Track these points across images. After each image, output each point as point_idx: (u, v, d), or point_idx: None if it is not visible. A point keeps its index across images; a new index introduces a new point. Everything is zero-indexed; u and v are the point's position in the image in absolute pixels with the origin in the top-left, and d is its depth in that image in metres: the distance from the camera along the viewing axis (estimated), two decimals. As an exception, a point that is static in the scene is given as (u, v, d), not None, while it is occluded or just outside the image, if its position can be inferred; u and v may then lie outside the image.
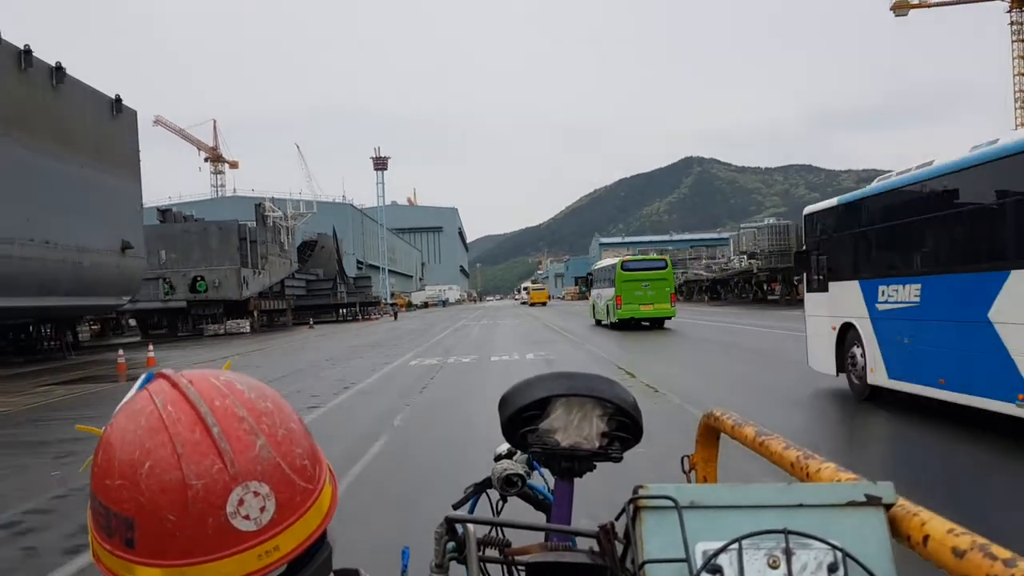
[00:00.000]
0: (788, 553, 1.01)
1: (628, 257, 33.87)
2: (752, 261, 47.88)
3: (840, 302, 10.08)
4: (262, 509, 0.75)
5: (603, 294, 29.35)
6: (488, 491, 1.72)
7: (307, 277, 63.58)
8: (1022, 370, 6.45)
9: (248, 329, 44.38)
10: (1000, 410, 6.76)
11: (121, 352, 19.20)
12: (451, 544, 1.20)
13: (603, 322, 29.60)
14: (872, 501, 1.07)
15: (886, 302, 9.00)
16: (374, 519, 5.15)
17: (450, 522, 1.21)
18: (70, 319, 30.33)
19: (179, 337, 44.13)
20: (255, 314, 47.28)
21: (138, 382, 0.84)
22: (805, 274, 11.20)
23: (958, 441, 7.24)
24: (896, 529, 1.06)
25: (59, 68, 23.64)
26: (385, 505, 5.63)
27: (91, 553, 0.80)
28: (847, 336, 9.83)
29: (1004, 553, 0.88)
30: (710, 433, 1.86)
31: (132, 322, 49.66)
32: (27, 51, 22.01)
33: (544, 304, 75.43)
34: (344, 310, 65.04)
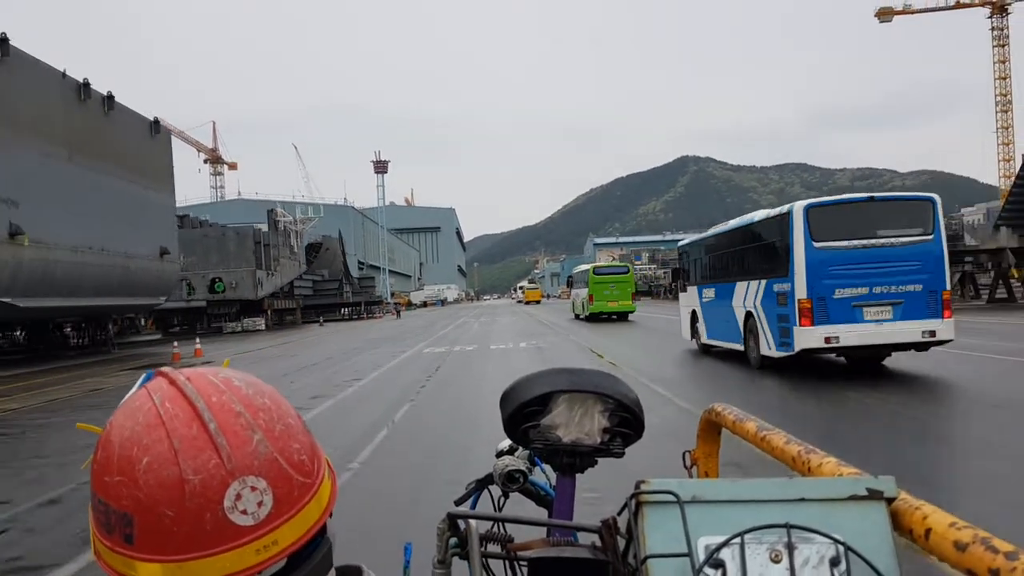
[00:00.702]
0: (790, 547, 1.02)
1: (598, 264, 39.61)
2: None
3: (690, 298, 17.16)
4: (260, 504, 0.76)
5: (579, 293, 35.93)
6: (490, 487, 1.73)
7: (313, 278, 66.84)
8: (740, 329, 13.48)
9: (263, 327, 47.65)
10: (737, 348, 13.77)
11: (176, 343, 22.55)
12: (453, 540, 1.22)
13: (580, 316, 35.33)
14: (874, 495, 1.07)
15: (704, 298, 16.09)
16: (428, 426, 8.53)
17: (452, 518, 1.21)
18: (105, 317, 33.63)
19: (198, 334, 47.44)
20: (269, 313, 50.59)
21: (139, 381, 0.86)
22: (679, 282, 18.28)
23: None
24: (898, 523, 1.05)
25: (110, 97, 26.97)
26: (426, 427, 9.00)
27: (92, 551, 0.81)
28: (694, 317, 16.79)
29: (1006, 546, 0.88)
30: (711, 428, 1.86)
31: (142, 321, 52.88)
32: (86, 84, 25.34)
33: (538, 302, 79.84)
34: (347, 309, 68.45)
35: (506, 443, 1.68)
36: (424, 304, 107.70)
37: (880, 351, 11.61)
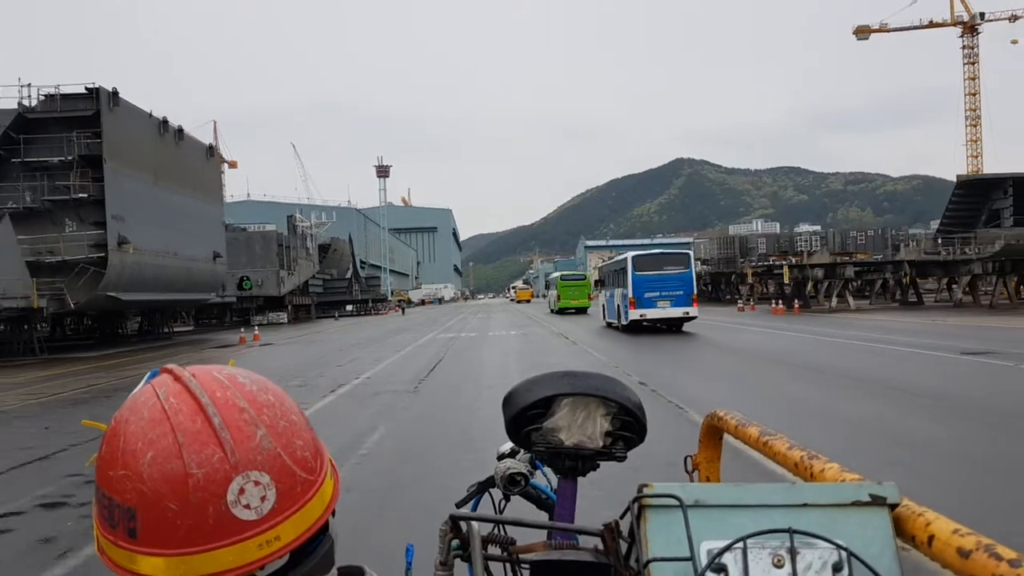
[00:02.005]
0: (793, 552, 1.02)
1: (564, 272, 53.24)
2: (704, 266, 57.70)
3: (605, 296, 29.33)
4: (263, 499, 0.76)
5: (552, 293, 50.92)
6: (491, 490, 1.74)
7: (324, 276, 73.07)
8: (616, 312, 25.61)
9: (286, 320, 53.82)
10: (614, 322, 26.29)
11: (243, 330, 28.71)
12: (455, 542, 1.22)
13: (553, 311, 46.31)
14: (877, 501, 1.07)
15: (608, 297, 28.45)
16: (453, 369, 14.78)
17: (454, 520, 1.22)
18: (170, 310, 39.82)
19: (227, 326, 53.69)
20: (289, 308, 56.80)
21: (145, 377, 0.86)
22: (600, 286, 31.83)
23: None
24: (901, 529, 1.05)
25: (180, 129, 33.18)
26: (452, 370, 15.19)
27: (95, 546, 0.81)
28: (605, 306, 29.06)
29: (1009, 553, 0.87)
30: (713, 433, 1.85)
31: (184, 314, 58.85)
32: (164, 121, 31.57)
33: (528, 301, 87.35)
34: (352, 306, 74.71)
35: (507, 446, 1.70)
36: (423, 302, 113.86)
37: (669, 323, 23.81)
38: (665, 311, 22.85)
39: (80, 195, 26.43)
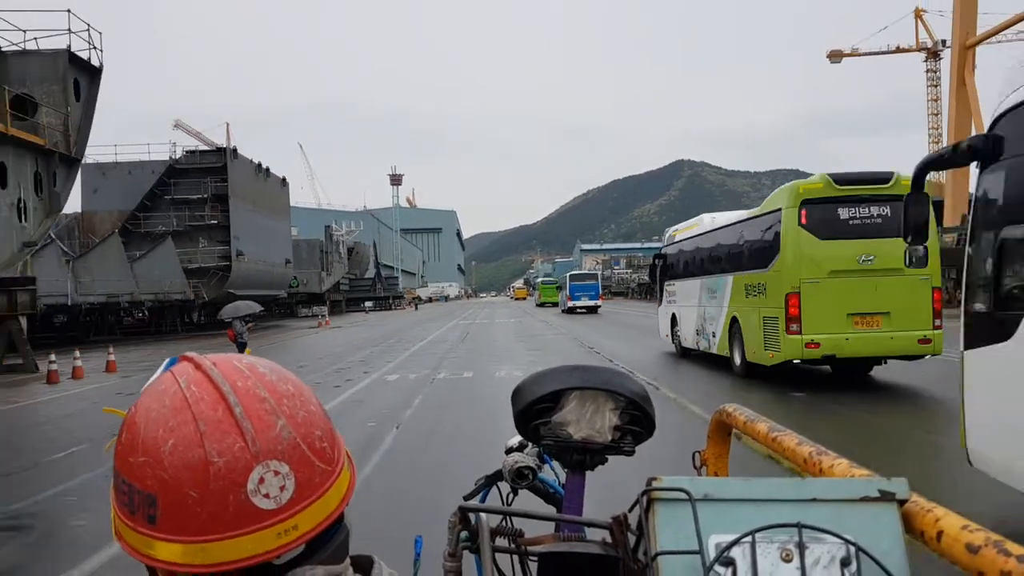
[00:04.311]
0: (801, 547, 1.02)
1: (544, 277, 71.87)
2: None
3: (561, 295, 46.83)
4: (282, 488, 0.76)
5: (536, 292, 72.24)
6: (498, 484, 1.76)
7: (349, 276, 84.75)
8: (563, 303, 48.66)
9: (326, 313, 65.48)
10: (562, 310, 29.26)
11: (325, 314, 40.11)
12: (464, 533, 1.23)
13: (537, 305, 63.59)
14: (885, 496, 1.07)
15: (562, 295, 44.90)
16: (477, 338, 26.27)
17: (464, 511, 1.24)
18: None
19: (276, 317, 65.31)
20: (328, 303, 68.46)
21: (163, 365, 0.87)
22: (559, 289, 47.66)
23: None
24: (909, 525, 1.05)
25: (267, 169, 44.76)
26: (477, 338, 26.55)
27: (113, 531, 0.82)
28: (560, 301, 45.79)
29: (1018, 549, 0.88)
30: (722, 429, 1.85)
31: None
32: (259, 165, 43.14)
33: (524, 299, 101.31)
34: (370, 302, 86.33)
35: (515, 440, 1.72)
36: (430, 300, 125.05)
37: (587, 308, 42.61)
38: (584, 303, 42.88)
39: (211, 221, 38.04)
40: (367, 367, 17.11)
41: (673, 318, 16.63)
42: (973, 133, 54.17)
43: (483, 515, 1.23)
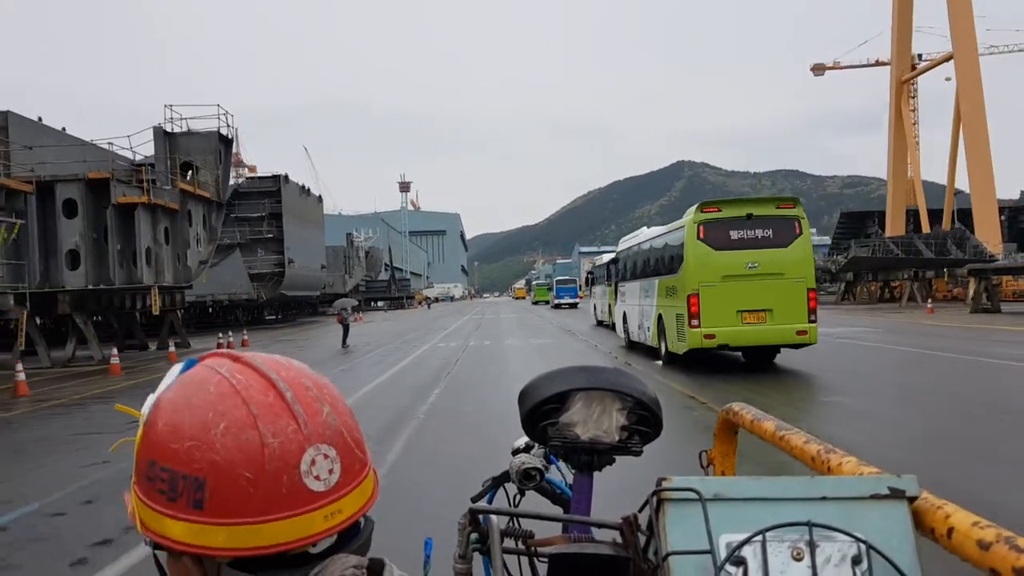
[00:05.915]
0: (812, 545, 1.02)
1: (537, 281, 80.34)
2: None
3: (551, 294, 58.68)
4: (330, 471, 0.78)
5: (532, 292, 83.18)
6: (505, 485, 1.76)
7: (366, 278, 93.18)
8: (552, 301, 54.50)
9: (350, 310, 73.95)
10: (551, 306, 37.73)
11: (360, 312, 48.44)
12: (474, 535, 1.23)
13: (533, 303, 72.95)
14: (896, 494, 1.07)
15: (551, 295, 59.53)
16: (489, 325, 34.58)
17: (473, 513, 1.24)
18: (295, 303, 59.78)
19: (304, 314, 73.69)
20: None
21: (179, 367, 0.88)
22: (548, 290, 61.43)
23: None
24: (920, 522, 1.06)
25: (308, 189, 53.19)
26: (489, 326, 34.72)
27: (138, 524, 0.81)
28: (550, 299, 56.07)
29: None
30: (728, 428, 1.85)
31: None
32: (303, 186, 51.59)
33: (523, 298, 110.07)
34: (384, 302, 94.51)
35: (522, 441, 1.73)
36: (436, 300, 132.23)
37: (569, 305, 53.59)
38: (567, 300, 53.51)
39: (268, 235, 46.42)
40: (419, 342, 25.22)
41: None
42: (908, 162, 61.55)
43: (493, 517, 1.23)
